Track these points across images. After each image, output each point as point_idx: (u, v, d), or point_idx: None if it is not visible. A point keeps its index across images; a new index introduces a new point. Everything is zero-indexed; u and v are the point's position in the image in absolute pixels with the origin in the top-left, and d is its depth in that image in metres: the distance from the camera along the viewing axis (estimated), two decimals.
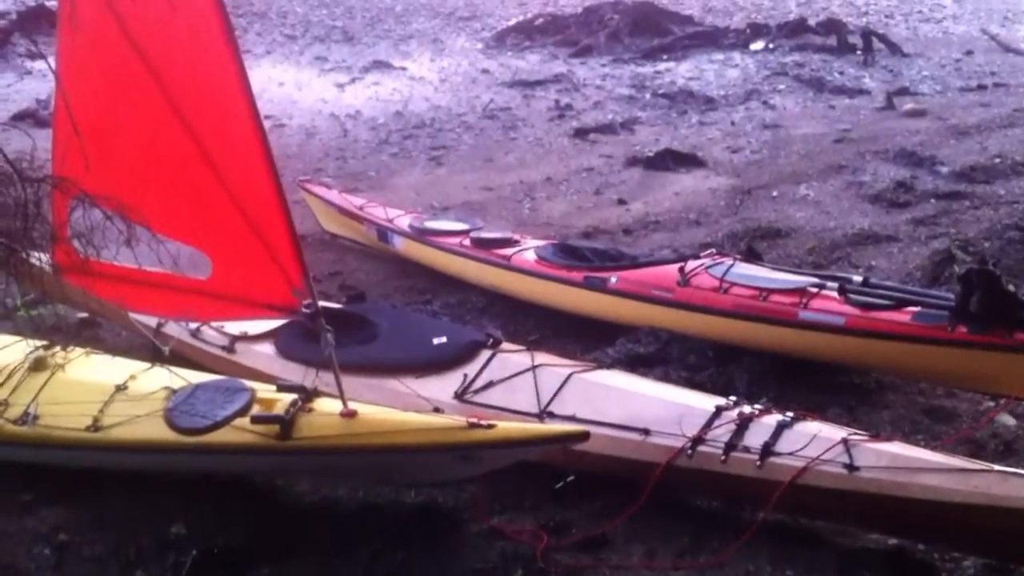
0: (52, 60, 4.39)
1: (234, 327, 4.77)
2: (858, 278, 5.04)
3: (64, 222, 3.80)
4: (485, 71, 13.73)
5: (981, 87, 12.30)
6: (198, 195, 3.91)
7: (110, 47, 4.17)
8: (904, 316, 4.48)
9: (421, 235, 6.47)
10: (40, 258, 4.18)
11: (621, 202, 8.34)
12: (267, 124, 7.98)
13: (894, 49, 14.23)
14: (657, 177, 9.12)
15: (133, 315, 4.80)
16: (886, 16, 16.97)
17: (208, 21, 3.88)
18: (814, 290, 4.81)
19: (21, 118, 10.50)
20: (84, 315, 5.43)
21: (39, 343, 4.31)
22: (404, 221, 6.70)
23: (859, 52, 14.08)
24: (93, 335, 5.29)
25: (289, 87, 12.59)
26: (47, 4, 14.78)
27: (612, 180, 9.07)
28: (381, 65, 13.71)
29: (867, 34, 14.51)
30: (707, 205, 8.16)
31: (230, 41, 3.87)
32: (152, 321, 4.78)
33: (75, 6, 4.17)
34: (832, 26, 15.23)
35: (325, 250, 7.03)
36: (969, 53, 14.05)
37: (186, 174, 3.90)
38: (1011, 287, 4.36)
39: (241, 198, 3.82)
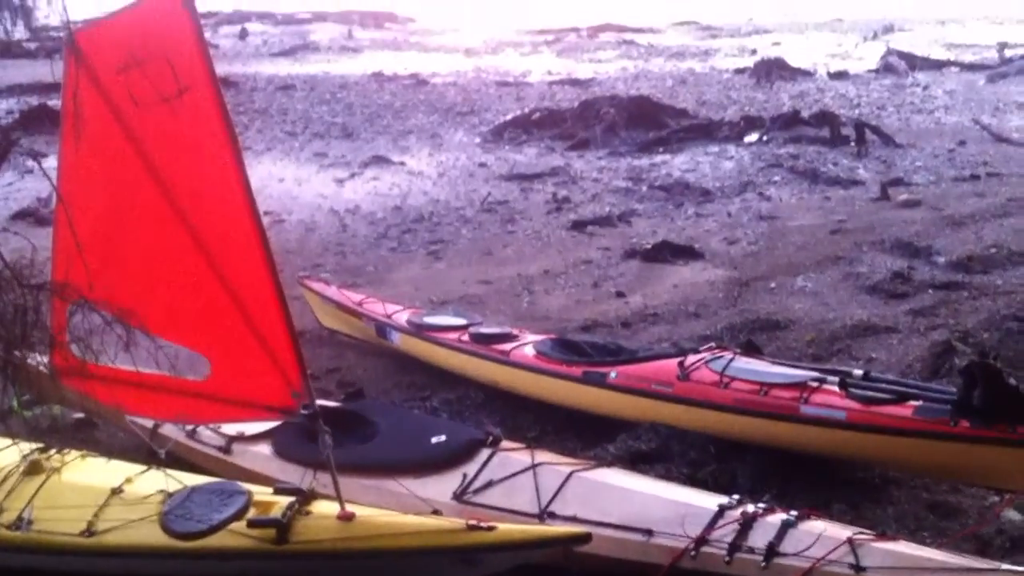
0: (54, 160, 4.44)
1: (231, 427, 4.74)
2: (859, 372, 5.01)
3: (63, 327, 3.81)
4: (483, 165, 13.87)
5: (974, 177, 12.41)
6: (198, 297, 3.92)
7: (112, 149, 4.22)
8: (906, 410, 4.46)
9: (419, 330, 6.46)
10: (38, 360, 4.18)
11: (619, 295, 8.35)
12: (267, 220, 8.04)
13: (887, 140, 14.39)
14: (655, 269, 9.14)
15: (130, 417, 4.77)
16: (878, 107, 17.21)
17: (210, 124, 3.93)
18: (815, 384, 4.79)
19: (22, 216, 10.59)
20: (80, 415, 5.39)
21: (35, 446, 4.27)
22: (402, 316, 6.70)
23: (852, 143, 14.24)
24: (89, 436, 5.24)
25: (289, 183, 12.71)
26: (49, 104, 15.00)
27: (610, 273, 9.09)
28: (380, 160, 13.86)
29: (860, 126, 14.69)
30: (705, 297, 8.17)
31: (231, 143, 3.91)
32: (149, 421, 4.76)
33: (79, 109, 4.23)
34: (825, 118, 15.42)
35: (324, 346, 7.02)
36: (962, 143, 14.21)
37: (186, 276, 3.91)
38: (1013, 381, 4.35)
39: (241, 300, 3.83)
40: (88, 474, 4.19)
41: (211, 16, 27.30)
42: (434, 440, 4.43)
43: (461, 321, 6.45)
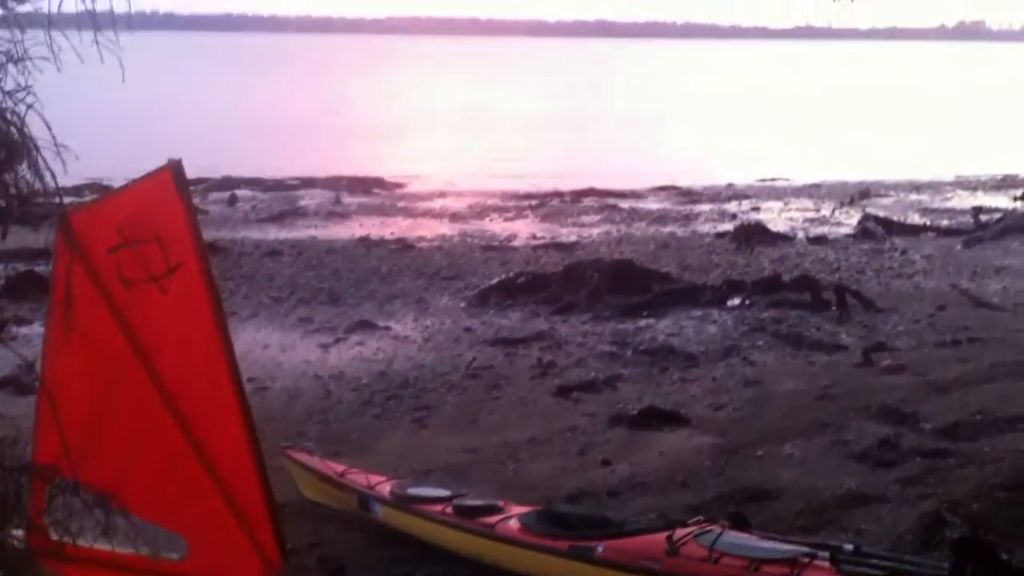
0: (39, 327, 4.47)
1: None
2: (849, 546, 4.96)
3: (42, 509, 3.76)
4: (468, 329, 13.93)
5: (956, 342, 12.52)
6: (178, 476, 3.90)
7: (99, 328, 4.26)
8: None
9: (402, 502, 6.39)
10: (14, 536, 4.09)
11: (606, 463, 8.30)
12: (250, 387, 8.01)
13: (868, 305, 14.55)
14: (641, 436, 9.11)
15: None
16: (858, 272, 17.45)
17: (198, 304, 3.98)
18: (805, 560, 4.74)
19: (3, 385, 10.51)
20: None
21: None
22: (385, 488, 6.62)
23: (834, 308, 14.38)
24: None
25: (273, 349, 12.73)
26: (36, 270, 15.09)
27: (596, 440, 9.05)
28: (366, 325, 13.91)
29: (840, 290, 14.88)
30: (693, 465, 8.12)
31: (218, 322, 3.96)
32: None
33: (68, 288, 4.27)
34: (806, 283, 15.62)
35: (305, 519, 6.89)
36: (942, 308, 14.37)
37: (168, 455, 3.90)
38: (1004, 556, 4.30)
39: (221, 477, 3.81)
40: None
41: (201, 182, 27.71)
42: None
43: (445, 492, 6.40)
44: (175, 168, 4.12)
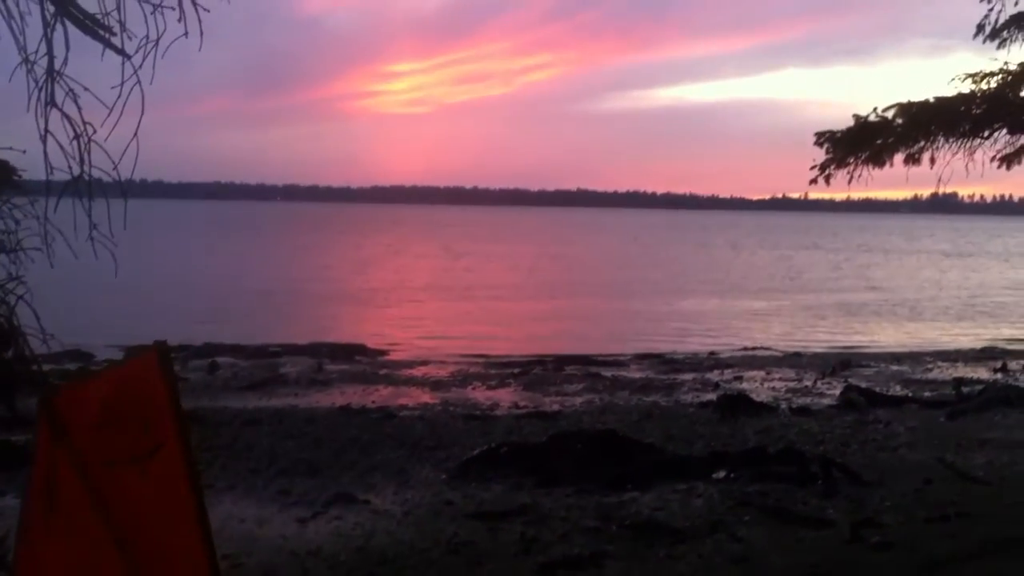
0: (11, 499, 4.38)
1: None
2: None
3: None
4: (449, 503, 13.69)
5: (944, 517, 12.33)
6: None
7: (78, 509, 4.17)
8: None
9: None
10: None
11: None
12: (225, 564, 7.78)
13: (854, 478, 14.42)
14: None
15: None
16: (842, 444, 17.37)
17: (177, 485, 3.91)
18: None
19: None
20: None
21: None
22: None
23: (820, 482, 14.23)
24: None
25: (250, 523, 12.43)
26: (12, 439, 14.85)
27: None
28: (345, 498, 13.66)
29: (826, 463, 14.76)
30: None
31: (196, 504, 3.88)
32: None
33: (50, 466, 4.21)
34: (791, 455, 15.51)
35: None
36: (928, 482, 14.25)
37: None
38: None
39: None
40: None
41: (183, 350, 27.73)
42: None
43: None
44: (160, 349, 4.11)
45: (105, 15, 7.23)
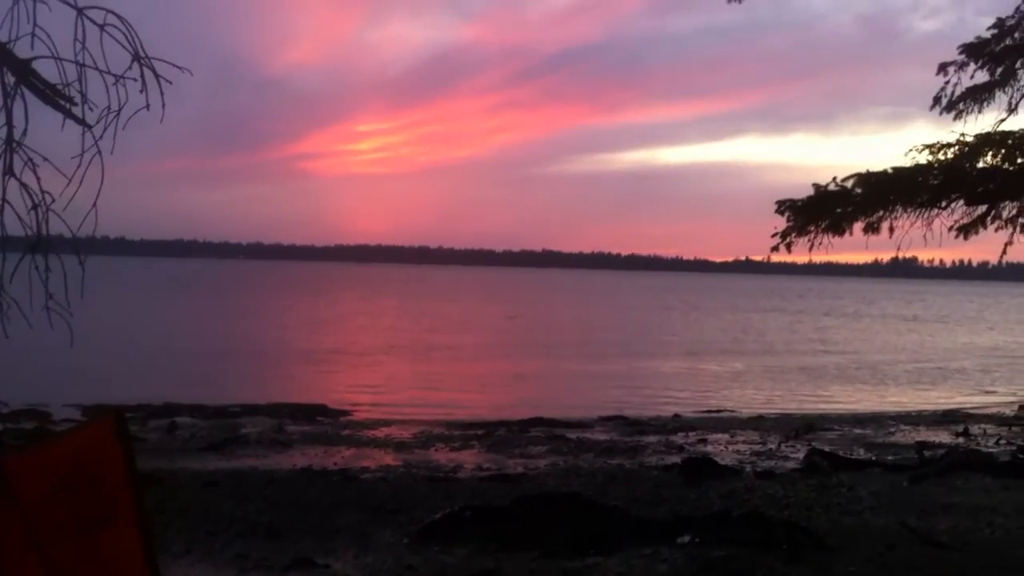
0: None
1: None
2: None
3: None
4: (411, 567, 13.47)
5: None
6: None
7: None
8: None
9: None
10: None
11: None
12: None
13: (818, 543, 14.36)
14: None
15: None
16: (806, 508, 17.32)
17: (131, 556, 3.82)
18: None
19: None
20: None
21: None
22: None
23: (784, 547, 14.15)
24: None
25: None
26: None
27: None
28: (304, 563, 13.40)
29: (790, 527, 14.70)
30: None
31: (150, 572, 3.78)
32: None
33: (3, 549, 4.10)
34: (755, 519, 15.42)
35: None
36: (892, 547, 14.22)
37: None
38: None
39: None
40: None
41: (141, 409, 27.34)
42: None
43: None
44: (116, 416, 4.03)
45: (66, 85, 7.17)
